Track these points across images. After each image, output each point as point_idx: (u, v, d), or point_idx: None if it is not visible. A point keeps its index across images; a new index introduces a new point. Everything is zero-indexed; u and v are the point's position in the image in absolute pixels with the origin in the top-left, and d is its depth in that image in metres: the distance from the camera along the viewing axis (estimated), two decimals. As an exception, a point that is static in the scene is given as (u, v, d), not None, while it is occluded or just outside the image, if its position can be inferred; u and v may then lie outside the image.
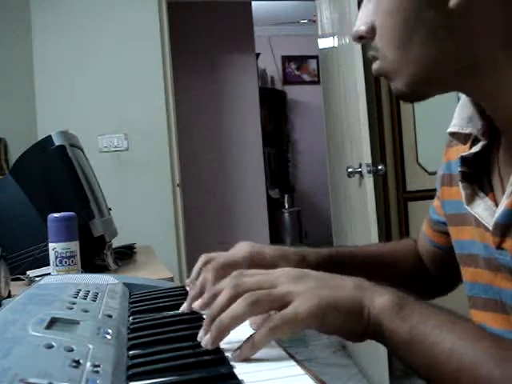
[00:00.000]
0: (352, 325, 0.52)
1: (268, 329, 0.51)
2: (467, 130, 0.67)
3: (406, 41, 0.57)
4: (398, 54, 0.58)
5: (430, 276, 0.90)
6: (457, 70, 0.57)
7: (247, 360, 0.51)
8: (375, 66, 0.62)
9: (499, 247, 0.62)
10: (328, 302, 0.52)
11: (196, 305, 0.63)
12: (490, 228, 0.62)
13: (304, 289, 0.53)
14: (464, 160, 0.66)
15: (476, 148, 0.66)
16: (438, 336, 0.49)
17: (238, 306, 0.53)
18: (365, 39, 0.62)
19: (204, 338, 0.52)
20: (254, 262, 0.73)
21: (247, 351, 0.51)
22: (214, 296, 0.60)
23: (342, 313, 0.52)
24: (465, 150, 0.68)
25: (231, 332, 0.53)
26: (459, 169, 0.67)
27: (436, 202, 0.85)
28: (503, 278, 0.63)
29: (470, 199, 0.65)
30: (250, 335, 0.52)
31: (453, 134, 0.70)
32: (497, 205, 0.62)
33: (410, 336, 0.50)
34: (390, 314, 0.52)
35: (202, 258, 0.76)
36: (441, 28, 0.55)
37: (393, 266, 0.89)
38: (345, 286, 0.54)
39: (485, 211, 0.63)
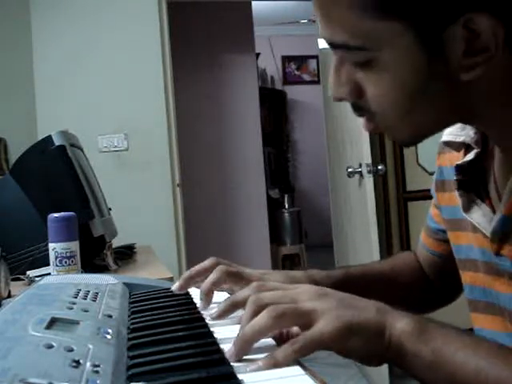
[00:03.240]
0: (373, 348, 0.52)
1: (292, 350, 0.49)
2: (460, 139, 0.67)
3: (409, 110, 0.56)
4: (400, 121, 0.57)
5: (434, 286, 0.90)
6: (458, 119, 0.60)
7: (247, 360, 0.51)
8: (370, 125, 0.60)
9: (498, 253, 0.62)
10: (352, 324, 0.51)
11: (213, 314, 0.63)
12: (488, 234, 0.62)
13: (327, 307, 0.52)
14: (459, 168, 0.67)
15: (470, 156, 0.66)
16: (462, 358, 0.49)
17: (262, 318, 0.51)
18: (347, 100, 0.60)
19: (227, 350, 0.51)
20: None
21: (267, 367, 0.49)
22: (233, 306, 0.61)
23: (364, 336, 0.51)
24: (458, 157, 0.68)
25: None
26: (455, 177, 0.67)
27: (433, 211, 0.85)
28: (502, 283, 0.63)
29: (467, 206, 0.66)
30: (272, 353, 0.50)
31: (446, 143, 0.70)
32: (494, 211, 0.63)
33: (433, 359, 0.50)
34: (411, 337, 0.51)
35: (214, 261, 0.75)
36: (447, 97, 0.55)
37: (396, 282, 0.88)
38: (367, 308, 0.53)
39: (482, 218, 0.64)
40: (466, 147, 0.68)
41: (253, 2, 4.62)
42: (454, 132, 0.68)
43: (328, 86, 0.60)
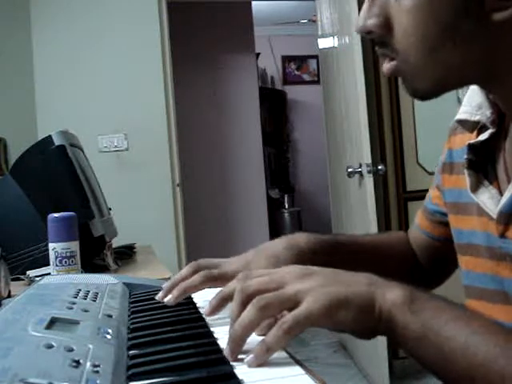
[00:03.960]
0: (363, 321, 0.51)
1: (282, 330, 0.49)
2: (476, 118, 0.66)
3: (438, 47, 0.55)
4: (424, 59, 0.56)
5: (422, 268, 0.89)
6: (483, 72, 0.58)
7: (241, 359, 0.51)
8: (390, 66, 0.59)
9: (503, 235, 0.62)
10: (339, 299, 0.51)
11: (206, 310, 0.63)
12: (494, 216, 0.62)
13: (313, 286, 0.52)
14: (471, 148, 0.66)
15: (484, 136, 0.65)
16: (451, 331, 0.49)
17: (248, 312, 0.51)
18: (373, 34, 0.58)
19: (224, 350, 0.51)
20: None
21: (262, 356, 0.49)
22: (222, 300, 0.61)
23: (353, 309, 0.51)
24: (470, 138, 0.68)
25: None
26: (465, 156, 0.66)
27: (434, 193, 0.84)
28: (506, 268, 0.63)
29: (475, 187, 0.65)
30: (262, 339, 0.50)
31: (461, 122, 0.69)
32: (501, 193, 0.62)
33: (422, 331, 0.50)
34: (401, 308, 0.51)
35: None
36: (477, 38, 0.54)
37: (385, 256, 0.88)
38: (354, 282, 0.53)
39: (489, 199, 0.63)
40: (479, 129, 0.67)
41: (253, 2, 4.63)
42: (470, 111, 0.67)
43: (359, 17, 0.59)
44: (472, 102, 0.67)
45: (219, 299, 0.61)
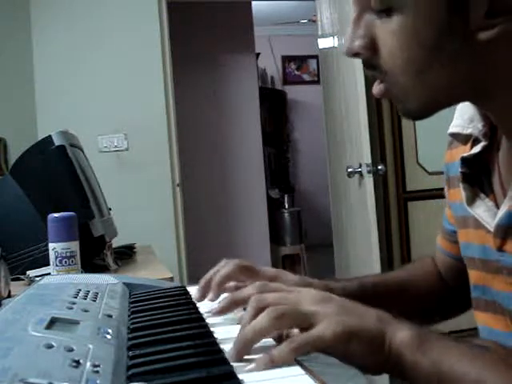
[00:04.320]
0: (373, 355, 0.52)
1: (290, 348, 0.49)
2: (468, 131, 0.66)
3: (425, 69, 0.54)
4: (413, 81, 0.55)
5: (452, 291, 0.88)
6: (471, 91, 0.57)
7: (247, 360, 0.51)
8: (380, 88, 0.59)
9: (500, 249, 0.62)
10: (352, 329, 0.51)
11: (214, 309, 0.63)
12: (491, 229, 0.62)
13: (328, 312, 0.52)
14: (465, 161, 0.66)
15: (476, 149, 0.65)
16: (462, 368, 0.49)
17: (262, 319, 0.51)
18: (361, 56, 0.58)
19: (228, 351, 0.51)
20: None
21: (264, 366, 0.49)
22: (234, 303, 0.61)
23: (364, 343, 0.51)
24: (465, 151, 0.68)
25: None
26: (460, 170, 0.67)
27: (448, 211, 0.83)
28: (500, 281, 0.63)
29: (471, 200, 0.65)
30: (269, 351, 0.50)
31: (453, 135, 0.69)
32: (497, 206, 0.62)
33: (432, 369, 0.50)
34: (411, 347, 0.51)
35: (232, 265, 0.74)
36: (463, 57, 0.54)
37: (413, 291, 0.87)
38: (368, 316, 0.53)
39: (485, 212, 0.63)
40: (472, 141, 0.67)
41: (253, 2, 4.63)
42: (462, 124, 0.67)
43: (344, 40, 0.59)
44: (464, 114, 0.67)
45: (230, 302, 0.61)
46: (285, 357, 0.49)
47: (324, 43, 3.18)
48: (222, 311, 0.62)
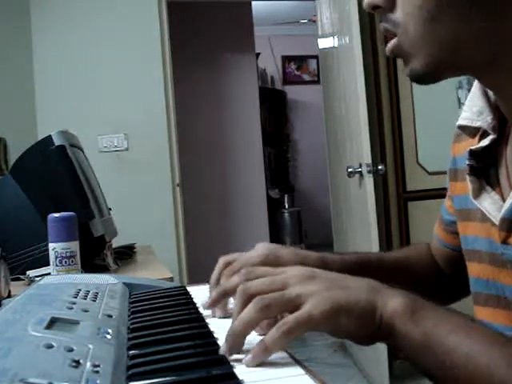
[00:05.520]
0: (364, 327, 0.51)
1: (281, 332, 0.49)
2: (477, 124, 0.66)
3: (437, 16, 0.55)
4: (424, 31, 0.56)
5: (448, 279, 0.88)
6: (478, 54, 0.57)
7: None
8: (391, 44, 0.59)
9: (505, 242, 0.62)
10: (341, 304, 0.51)
11: (205, 303, 0.63)
12: (497, 222, 0.62)
13: (315, 290, 0.52)
14: (472, 153, 0.66)
15: (485, 142, 0.65)
16: (453, 341, 0.48)
17: (249, 311, 0.52)
18: (379, 9, 0.59)
19: (221, 347, 0.51)
20: (269, 265, 0.68)
21: (260, 355, 0.49)
22: (223, 294, 0.61)
23: (354, 316, 0.51)
24: (472, 144, 0.67)
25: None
26: (467, 162, 0.66)
27: (447, 202, 0.83)
28: (507, 275, 0.63)
29: (477, 193, 0.65)
30: (262, 339, 0.50)
31: (462, 127, 0.69)
32: (503, 199, 0.62)
33: (423, 340, 0.49)
34: (402, 317, 0.50)
35: (221, 261, 0.74)
36: (476, 7, 0.53)
37: (410, 272, 0.87)
38: (357, 288, 0.53)
39: (491, 205, 0.63)
40: (481, 134, 0.67)
41: (253, 2, 4.63)
42: (471, 117, 0.67)
43: None
44: (473, 107, 0.67)
45: (220, 293, 0.61)
46: (277, 341, 0.49)
47: (324, 43, 3.18)
48: (213, 304, 0.62)
